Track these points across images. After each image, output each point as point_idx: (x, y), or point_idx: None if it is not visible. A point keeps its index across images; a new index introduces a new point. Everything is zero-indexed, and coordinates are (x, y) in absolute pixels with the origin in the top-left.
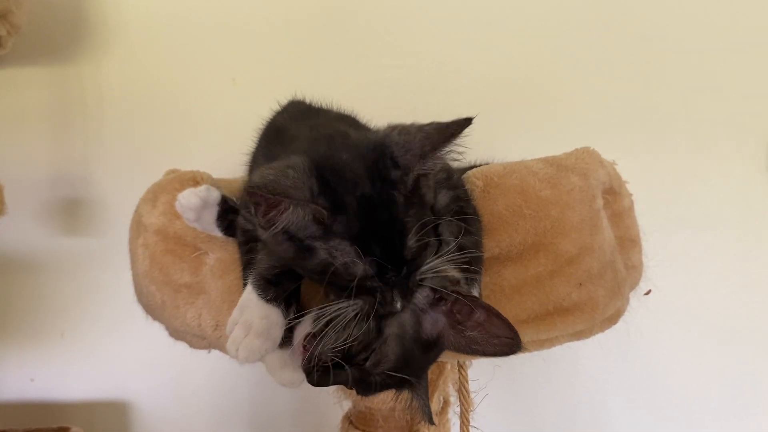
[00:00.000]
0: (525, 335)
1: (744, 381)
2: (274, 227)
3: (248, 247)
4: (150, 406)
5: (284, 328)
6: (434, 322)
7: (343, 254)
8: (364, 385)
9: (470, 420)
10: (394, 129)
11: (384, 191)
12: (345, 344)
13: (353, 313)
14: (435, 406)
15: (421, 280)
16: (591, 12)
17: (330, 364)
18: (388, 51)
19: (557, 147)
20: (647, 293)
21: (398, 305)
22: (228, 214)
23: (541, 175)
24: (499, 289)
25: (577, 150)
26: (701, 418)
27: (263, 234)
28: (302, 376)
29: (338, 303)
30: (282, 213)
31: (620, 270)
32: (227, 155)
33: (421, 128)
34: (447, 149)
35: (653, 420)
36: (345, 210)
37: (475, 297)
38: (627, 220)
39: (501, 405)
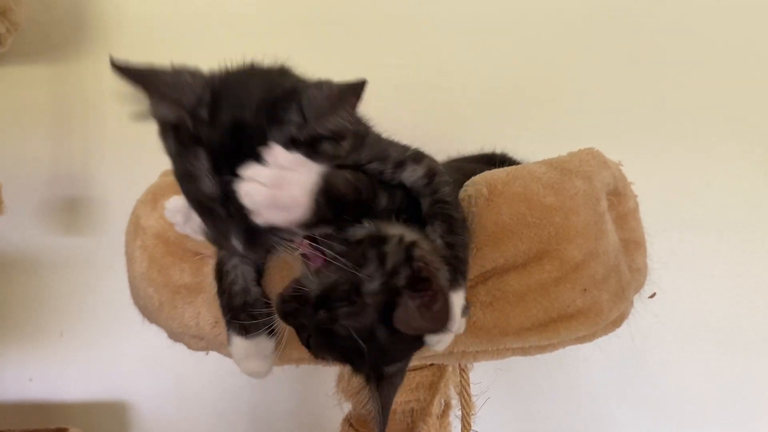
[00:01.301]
0: (528, 341)
1: (748, 384)
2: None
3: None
4: (149, 407)
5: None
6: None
7: (196, 165)
8: (322, 335)
9: (471, 423)
10: (318, 84)
11: (263, 125)
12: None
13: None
14: (436, 408)
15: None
16: (595, 12)
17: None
18: (391, 51)
19: (561, 147)
20: (651, 296)
21: (239, 247)
22: None
23: (545, 181)
24: (503, 296)
25: (581, 151)
26: (705, 422)
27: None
28: (268, 366)
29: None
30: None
31: (624, 273)
32: None
33: (329, 86)
34: (341, 114)
35: (656, 424)
36: (216, 123)
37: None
38: (632, 222)
39: (502, 408)
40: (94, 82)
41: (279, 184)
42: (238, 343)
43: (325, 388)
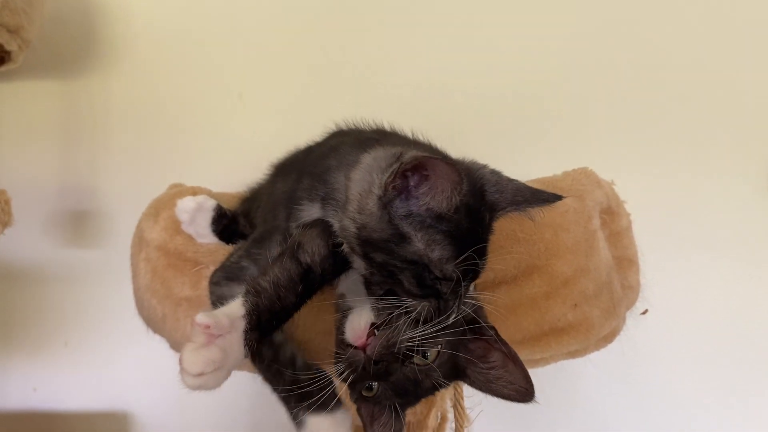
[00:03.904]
0: (521, 355)
1: (740, 399)
2: (400, 201)
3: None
4: (151, 418)
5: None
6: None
7: (442, 250)
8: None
9: None
10: (483, 167)
11: (479, 208)
12: (415, 339)
13: (417, 314)
14: (432, 422)
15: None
16: (592, 30)
17: (395, 356)
18: (392, 68)
19: (555, 165)
20: (644, 313)
21: (452, 317)
22: (222, 220)
23: None
24: (494, 308)
25: (574, 171)
26: None
27: (373, 206)
28: None
29: (406, 300)
30: (428, 187)
31: (616, 290)
32: (232, 169)
33: (510, 180)
34: (534, 208)
35: None
36: (459, 210)
37: (500, 338)
38: (625, 239)
39: (496, 421)
40: (102, 97)
41: (224, 359)
42: (321, 421)
43: None
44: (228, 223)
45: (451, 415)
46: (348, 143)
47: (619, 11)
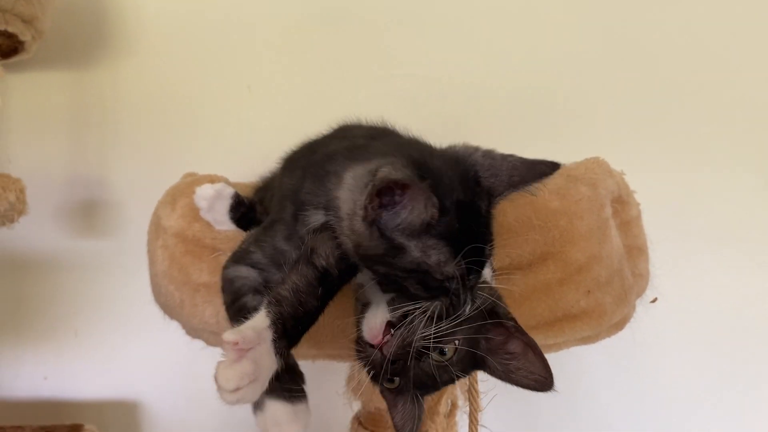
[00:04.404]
0: (534, 340)
1: (747, 389)
2: (387, 215)
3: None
4: (160, 406)
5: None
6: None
7: (438, 253)
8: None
9: (479, 420)
10: (475, 150)
11: (473, 200)
12: (430, 337)
13: (431, 312)
14: (443, 408)
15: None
16: (602, 23)
17: (412, 355)
18: (399, 61)
19: (566, 157)
20: (653, 301)
21: (467, 309)
22: (240, 207)
23: (551, 186)
24: (509, 295)
25: (587, 160)
26: (704, 426)
27: (360, 226)
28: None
29: (418, 302)
30: (406, 201)
31: (627, 278)
32: (242, 160)
33: (504, 157)
34: (533, 186)
35: (655, 425)
36: (447, 211)
37: (520, 328)
38: (635, 228)
39: (509, 406)
40: (112, 88)
41: (257, 370)
42: (280, 407)
43: (335, 387)
44: (246, 210)
45: (461, 402)
46: (342, 151)
47: (629, 6)
